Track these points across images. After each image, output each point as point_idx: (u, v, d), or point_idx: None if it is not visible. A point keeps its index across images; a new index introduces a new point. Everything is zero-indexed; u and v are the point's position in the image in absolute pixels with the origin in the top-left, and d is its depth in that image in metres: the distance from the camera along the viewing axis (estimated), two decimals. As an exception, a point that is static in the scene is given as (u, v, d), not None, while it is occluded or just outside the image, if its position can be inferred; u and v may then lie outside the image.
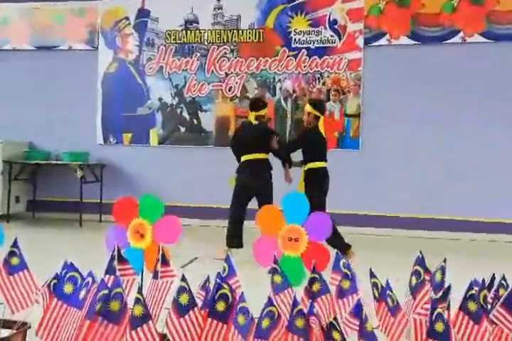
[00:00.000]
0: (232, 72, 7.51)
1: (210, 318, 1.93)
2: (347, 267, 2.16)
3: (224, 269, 2.11)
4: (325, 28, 7.22)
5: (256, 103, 5.35)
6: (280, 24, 7.35)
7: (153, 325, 1.81)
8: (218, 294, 1.94)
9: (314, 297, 2.09)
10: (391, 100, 7.01)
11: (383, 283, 2.07)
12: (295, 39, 7.30)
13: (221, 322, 1.93)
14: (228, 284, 1.97)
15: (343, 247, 4.84)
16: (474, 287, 1.89)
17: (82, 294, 1.96)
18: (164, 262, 2.20)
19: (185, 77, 7.65)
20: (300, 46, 7.28)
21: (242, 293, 1.89)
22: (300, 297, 2.07)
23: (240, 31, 7.47)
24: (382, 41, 7.06)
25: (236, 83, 7.50)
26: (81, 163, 7.28)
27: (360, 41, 7.12)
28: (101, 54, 7.88)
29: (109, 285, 1.89)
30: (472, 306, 1.83)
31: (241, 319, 1.84)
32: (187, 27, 7.64)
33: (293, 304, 1.83)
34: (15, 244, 2.16)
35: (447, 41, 6.87)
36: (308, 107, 5.23)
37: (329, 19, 7.20)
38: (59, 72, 7.91)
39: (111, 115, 7.85)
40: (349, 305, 2.07)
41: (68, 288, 1.99)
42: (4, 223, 6.96)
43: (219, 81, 7.56)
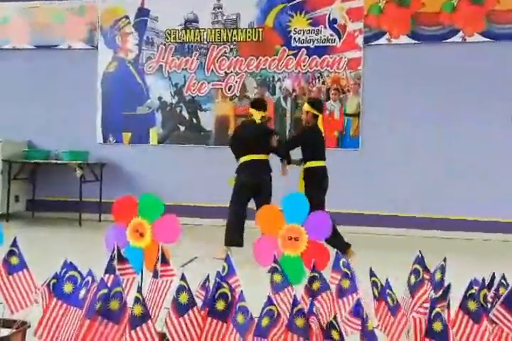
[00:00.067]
0: (231, 71, 7.51)
1: (210, 317, 1.93)
2: (347, 266, 2.16)
3: (224, 268, 2.11)
4: (325, 27, 7.21)
5: (261, 103, 5.42)
6: (280, 23, 7.34)
7: (152, 325, 1.81)
8: (218, 293, 1.94)
9: (314, 295, 2.09)
10: (391, 99, 7.01)
11: (383, 282, 2.07)
12: (295, 38, 7.29)
13: (221, 321, 1.93)
14: (228, 283, 1.97)
15: (343, 247, 4.84)
16: (474, 286, 1.88)
17: (82, 293, 1.96)
18: (164, 261, 2.20)
19: (184, 76, 7.64)
20: (300, 45, 7.28)
21: (242, 292, 1.89)
22: (300, 295, 2.07)
23: (240, 30, 7.46)
24: (382, 40, 7.06)
25: (236, 82, 7.50)
26: (81, 162, 7.28)
27: (359, 40, 7.12)
28: (100, 53, 7.87)
29: (108, 284, 1.89)
30: (472, 305, 1.83)
31: (240, 318, 1.84)
32: (187, 26, 7.64)
33: (293, 303, 1.82)
34: (14, 244, 2.15)
35: (447, 40, 6.87)
36: (306, 106, 5.24)
37: (329, 18, 7.20)
38: (58, 71, 7.91)
39: (110, 114, 7.85)
40: (349, 305, 2.07)
41: (68, 288, 1.98)
42: (4, 222, 6.97)
43: (219, 80, 7.55)
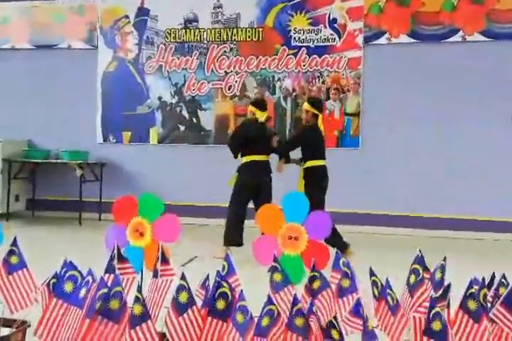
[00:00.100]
0: (231, 71, 7.51)
1: (210, 317, 1.93)
2: (347, 266, 2.16)
3: (224, 268, 2.11)
4: (325, 27, 7.21)
5: (263, 103, 5.43)
6: (280, 23, 7.34)
7: (152, 324, 1.81)
8: (218, 292, 1.93)
9: (315, 294, 2.09)
10: (391, 99, 7.01)
11: (383, 282, 2.07)
12: (295, 38, 7.29)
13: (221, 320, 1.93)
14: (228, 283, 1.97)
15: (342, 246, 4.84)
16: (474, 285, 1.88)
17: (82, 293, 1.96)
18: (164, 261, 2.20)
19: (184, 76, 7.64)
20: (300, 45, 7.28)
21: (242, 292, 1.88)
22: (300, 294, 2.07)
23: (240, 30, 7.46)
24: (382, 40, 7.06)
25: (236, 82, 7.49)
26: (81, 162, 7.28)
27: (359, 40, 7.12)
28: (100, 53, 7.87)
29: (108, 283, 1.89)
30: (472, 305, 1.83)
31: (240, 317, 1.84)
32: (186, 25, 7.63)
33: (293, 302, 1.82)
34: (14, 243, 2.15)
35: (447, 40, 6.87)
36: (306, 105, 5.25)
37: (329, 18, 7.20)
38: (58, 71, 7.90)
39: (110, 114, 7.85)
40: (349, 304, 2.07)
41: (68, 287, 1.98)
42: (4, 222, 6.97)
43: (218, 80, 7.55)
